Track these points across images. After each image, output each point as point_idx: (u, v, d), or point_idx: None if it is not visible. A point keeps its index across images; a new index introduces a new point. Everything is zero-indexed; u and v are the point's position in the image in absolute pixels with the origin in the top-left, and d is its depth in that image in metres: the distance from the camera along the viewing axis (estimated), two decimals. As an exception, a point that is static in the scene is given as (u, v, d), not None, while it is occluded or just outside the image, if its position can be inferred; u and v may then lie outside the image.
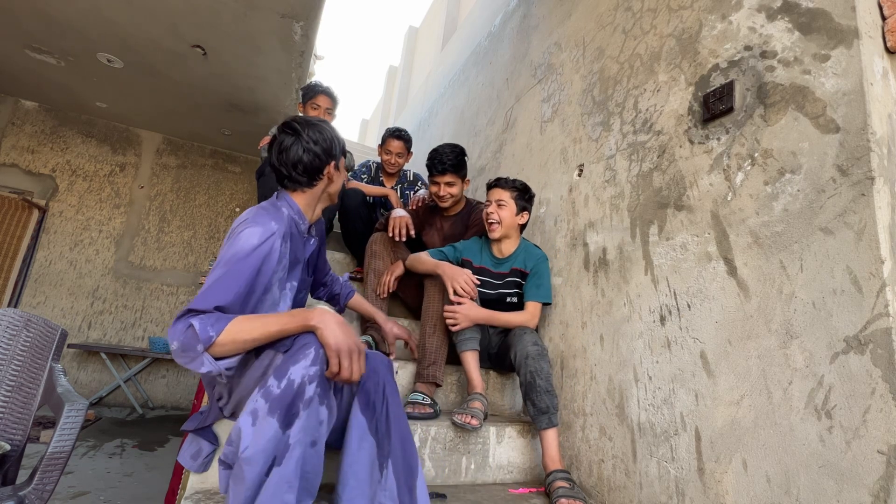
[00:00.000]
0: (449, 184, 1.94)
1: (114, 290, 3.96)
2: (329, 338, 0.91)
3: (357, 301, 1.61)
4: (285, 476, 0.82)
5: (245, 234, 1.00)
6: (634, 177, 1.49)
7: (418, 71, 7.54)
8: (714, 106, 1.23)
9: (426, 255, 1.80)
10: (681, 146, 1.33)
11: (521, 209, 1.74)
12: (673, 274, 1.28)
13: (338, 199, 1.30)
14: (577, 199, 1.78)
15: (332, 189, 1.22)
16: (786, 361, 0.97)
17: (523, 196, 1.75)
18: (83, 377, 3.72)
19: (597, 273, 1.58)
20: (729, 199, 1.15)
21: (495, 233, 1.73)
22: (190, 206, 4.33)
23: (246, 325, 0.91)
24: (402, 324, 2.04)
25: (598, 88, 1.79)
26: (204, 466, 1.11)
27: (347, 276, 1.64)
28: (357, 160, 3.32)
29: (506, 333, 1.71)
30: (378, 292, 1.87)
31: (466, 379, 1.61)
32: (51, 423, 2.70)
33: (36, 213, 3.79)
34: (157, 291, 4.08)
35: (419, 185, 2.59)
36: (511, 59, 2.75)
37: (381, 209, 2.53)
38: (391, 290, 1.88)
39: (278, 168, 1.15)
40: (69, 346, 3.41)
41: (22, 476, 1.00)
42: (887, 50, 0.98)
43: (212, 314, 0.90)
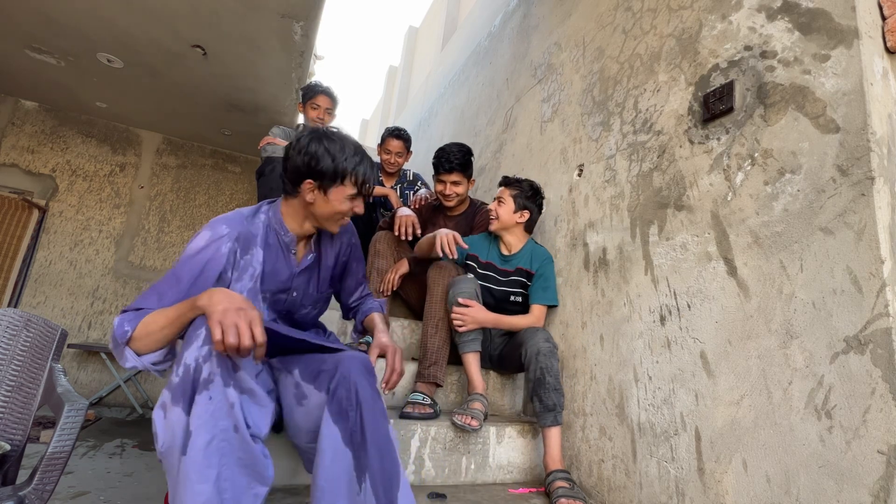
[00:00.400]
0: (455, 183, 1.96)
1: (114, 290, 3.96)
2: (209, 309, 0.84)
3: (371, 319, 1.37)
4: (193, 465, 0.77)
5: (195, 238, 1.03)
6: (634, 177, 1.49)
7: (418, 71, 7.54)
8: (714, 106, 1.23)
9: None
10: (681, 146, 1.33)
11: (520, 207, 1.76)
12: (673, 274, 1.28)
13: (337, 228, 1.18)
14: (577, 199, 1.78)
15: (316, 210, 1.12)
16: (786, 361, 0.97)
17: (523, 194, 1.77)
18: (83, 377, 3.72)
19: (597, 273, 1.58)
20: (729, 199, 1.15)
21: (492, 226, 1.79)
22: (190, 206, 4.33)
23: (153, 316, 0.91)
24: (403, 324, 2.05)
25: (598, 88, 1.79)
26: None
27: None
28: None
29: (510, 336, 1.71)
30: (381, 290, 1.87)
31: (467, 379, 1.61)
32: (51, 423, 2.70)
33: (36, 213, 3.79)
34: (157, 291, 4.07)
35: (419, 184, 2.59)
36: (511, 59, 2.75)
37: (381, 209, 2.53)
38: (394, 288, 1.89)
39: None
40: (69, 346, 3.41)
41: (22, 476, 1.00)
42: (887, 50, 0.98)
43: (135, 311, 0.92)
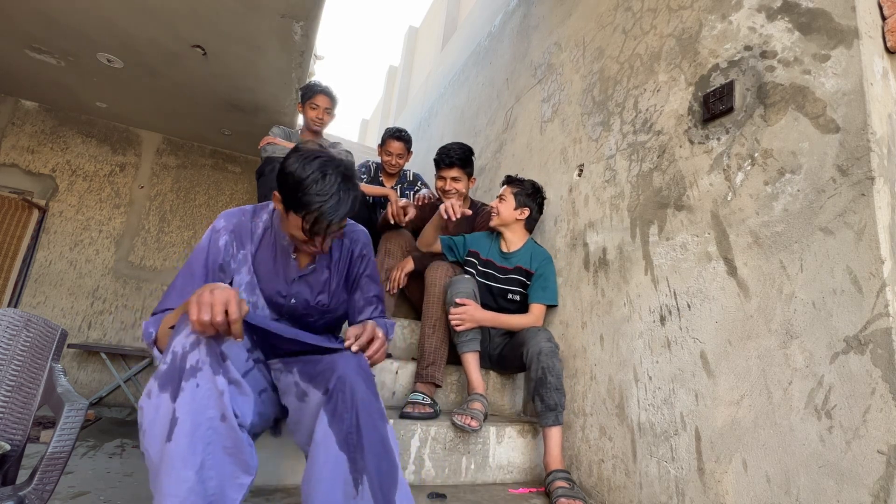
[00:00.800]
0: (455, 179, 1.98)
1: (114, 290, 3.95)
2: (192, 297, 0.85)
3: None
4: (177, 451, 0.77)
5: (206, 232, 1.09)
6: (634, 177, 1.49)
7: (418, 71, 7.54)
8: (714, 106, 1.23)
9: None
10: (681, 146, 1.33)
11: (520, 204, 1.79)
12: (673, 274, 1.28)
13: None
14: (577, 199, 1.78)
15: (281, 223, 1.09)
16: (786, 361, 0.97)
17: (523, 192, 1.80)
18: (83, 377, 3.72)
19: (597, 273, 1.58)
20: (729, 199, 1.15)
21: (492, 221, 1.82)
22: (190, 206, 4.33)
23: (169, 316, 0.96)
24: (404, 324, 2.05)
25: (598, 88, 1.79)
26: None
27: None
28: (357, 160, 3.31)
29: (510, 336, 1.72)
30: (388, 289, 1.88)
31: (467, 379, 1.61)
32: (51, 423, 2.70)
33: (36, 213, 3.79)
34: (158, 291, 4.07)
35: (419, 184, 2.59)
36: (511, 59, 2.75)
37: (381, 209, 2.53)
38: (401, 286, 1.88)
39: None
40: (69, 346, 3.41)
41: (22, 476, 1.00)
42: (887, 50, 0.98)
43: (162, 312, 0.98)
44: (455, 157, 1.95)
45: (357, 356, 0.98)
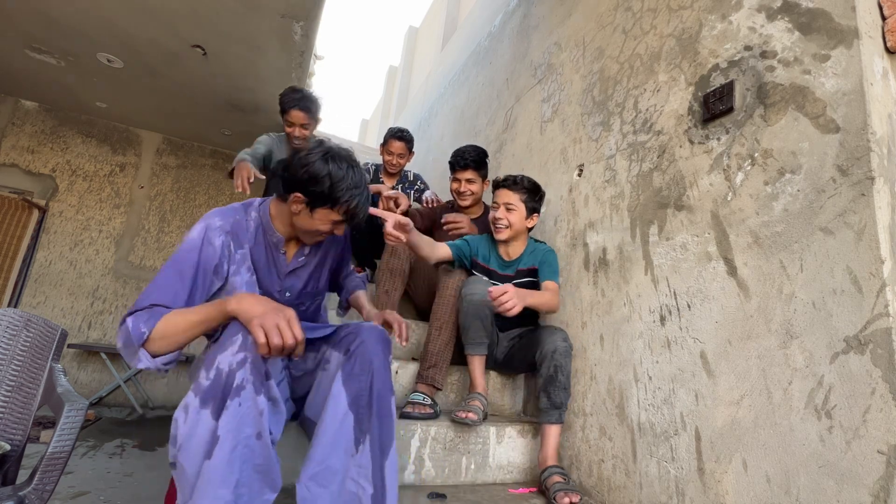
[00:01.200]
0: (469, 180, 2.01)
1: (114, 290, 3.95)
2: (247, 314, 0.87)
3: (356, 296, 1.42)
4: (217, 469, 0.78)
5: (192, 230, 1.06)
6: (634, 177, 1.49)
7: (418, 71, 7.54)
8: (714, 106, 1.23)
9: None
10: (681, 146, 1.33)
11: (531, 212, 1.67)
12: (673, 274, 1.28)
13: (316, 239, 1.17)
14: (577, 199, 1.78)
15: (297, 221, 1.11)
16: (786, 361, 0.97)
17: (533, 197, 1.67)
18: (83, 377, 3.72)
19: (597, 273, 1.58)
20: (729, 199, 1.15)
21: (502, 234, 1.66)
22: (190, 206, 4.33)
23: (174, 318, 0.91)
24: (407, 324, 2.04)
25: (598, 88, 1.79)
26: None
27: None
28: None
29: (519, 338, 1.71)
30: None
31: (469, 380, 1.61)
32: (51, 423, 2.70)
33: (36, 213, 3.79)
34: (157, 291, 4.08)
35: (419, 184, 2.60)
36: (511, 59, 2.75)
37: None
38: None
39: None
40: (69, 346, 3.41)
41: (22, 476, 1.00)
42: (887, 50, 0.98)
43: (147, 311, 0.92)
44: (470, 158, 1.97)
45: (380, 328, 1.06)
